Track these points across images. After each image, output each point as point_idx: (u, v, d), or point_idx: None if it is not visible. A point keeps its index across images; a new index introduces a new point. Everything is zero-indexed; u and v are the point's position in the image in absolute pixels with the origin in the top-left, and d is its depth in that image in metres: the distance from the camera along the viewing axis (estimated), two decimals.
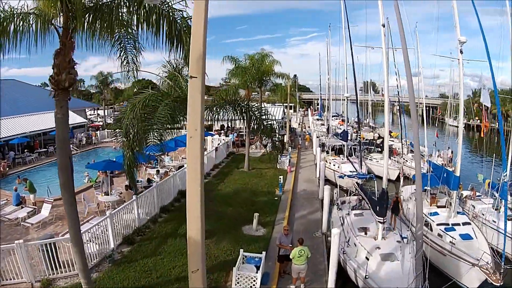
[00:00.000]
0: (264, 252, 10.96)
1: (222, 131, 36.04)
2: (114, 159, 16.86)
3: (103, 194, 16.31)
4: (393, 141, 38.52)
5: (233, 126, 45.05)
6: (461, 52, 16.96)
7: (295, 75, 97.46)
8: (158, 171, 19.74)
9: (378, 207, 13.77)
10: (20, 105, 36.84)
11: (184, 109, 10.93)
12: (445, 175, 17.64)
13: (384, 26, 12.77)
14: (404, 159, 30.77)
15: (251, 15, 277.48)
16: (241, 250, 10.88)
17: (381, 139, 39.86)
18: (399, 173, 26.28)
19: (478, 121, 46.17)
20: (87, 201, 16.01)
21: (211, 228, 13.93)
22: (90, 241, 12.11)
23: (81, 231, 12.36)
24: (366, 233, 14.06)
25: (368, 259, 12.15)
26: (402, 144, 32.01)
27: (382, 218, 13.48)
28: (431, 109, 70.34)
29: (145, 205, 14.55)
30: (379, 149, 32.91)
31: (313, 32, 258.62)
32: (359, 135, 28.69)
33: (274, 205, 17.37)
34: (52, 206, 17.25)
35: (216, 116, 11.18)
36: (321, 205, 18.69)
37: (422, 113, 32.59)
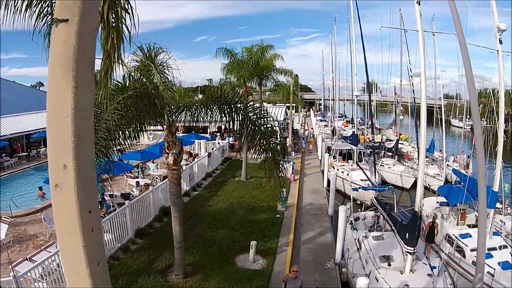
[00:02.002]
0: None
1: (219, 134, 33.16)
2: None
3: None
4: (402, 143, 36.16)
5: (230, 127, 42.23)
6: (501, 42, 14.26)
7: (296, 75, 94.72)
8: (138, 182, 16.80)
9: (407, 234, 10.94)
10: (6, 105, 34.47)
11: (149, 107, 8.06)
12: None
13: (419, 4, 9.90)
14: (418, 164, 28.03)
15: (252, 15, 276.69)
16: None
17: (390, 142, 37.48)
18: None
19: (485, 122, 44.54)
20: (48, 222, 13.14)
21: (196, 261, 11.03)
22: (42, 279, 9.32)
23: (31, 266, 9.71)
24: (389, 264, 11.33)
25: None
26: (418, 150, 29.16)
27: (413, 249, 10.69)
28: (438, 109, 68.05)
29: (115, 228, 11.63)
30: (391, 154, 30.11)
31: (314, 33, 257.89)
32: (373, 138, 25.78)
33: (276, 225, 14.40)
34: (14, 225, 14.57)
35: (196, 117, 8.18)
36: (330, 222, 15.92)
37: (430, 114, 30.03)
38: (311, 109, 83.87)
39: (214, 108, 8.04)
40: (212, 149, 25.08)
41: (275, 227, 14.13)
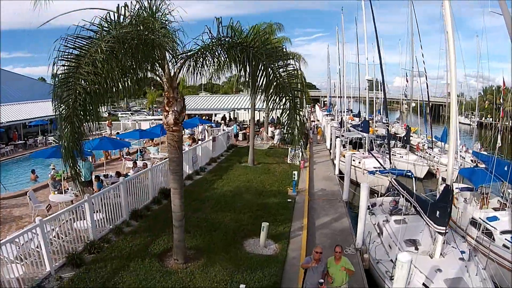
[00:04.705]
0: None
1: (223, 122, 31.88)
2: None
3: (55, 192, 12.08)
4: (412, 136, 35.37)
5: (235, 117, 40.95)
6: None
7: (301, 74, 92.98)
8: (135, 163, 15.40)
9: (438, 212, 9.59)
10: (7, 96, 33.37)
11: (147, 52, 6.49)
12: (505, 168, 13.63)
13: None
14: (429, 154, 27.11)
15: (257, 15, 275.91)
16: (242, 287, 6.62)
17: (398, 135, 36.54)
18: (435, 172, 22.36)
19: (491, 119, 44.30)
20: (33, 201, 11.81)
21: (199, 245, 9.65)
22: (19, 260, 7.99)
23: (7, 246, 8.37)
24: (417, 248, 10.05)
25: (427, 287, 8.47)
26: (432, 142, 28.51)
27: (444, 228, 9.38)
28: (441, 107, 67.49)
29: (107, 208, 10.26)
30: (402, 144, 29.08)
31: (317, 33, 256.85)
32: (387, 123, 24.56)
33: (287, 209, 12.97)
34: None
35: (201, 67, 6.69)
36: (347, 208, 14.55)
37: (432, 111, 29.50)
38: (316, 105, 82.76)
39: (222, 53, 6.60)
40: (217, 134, 23.75)
41: (286, 211, 12.70)
